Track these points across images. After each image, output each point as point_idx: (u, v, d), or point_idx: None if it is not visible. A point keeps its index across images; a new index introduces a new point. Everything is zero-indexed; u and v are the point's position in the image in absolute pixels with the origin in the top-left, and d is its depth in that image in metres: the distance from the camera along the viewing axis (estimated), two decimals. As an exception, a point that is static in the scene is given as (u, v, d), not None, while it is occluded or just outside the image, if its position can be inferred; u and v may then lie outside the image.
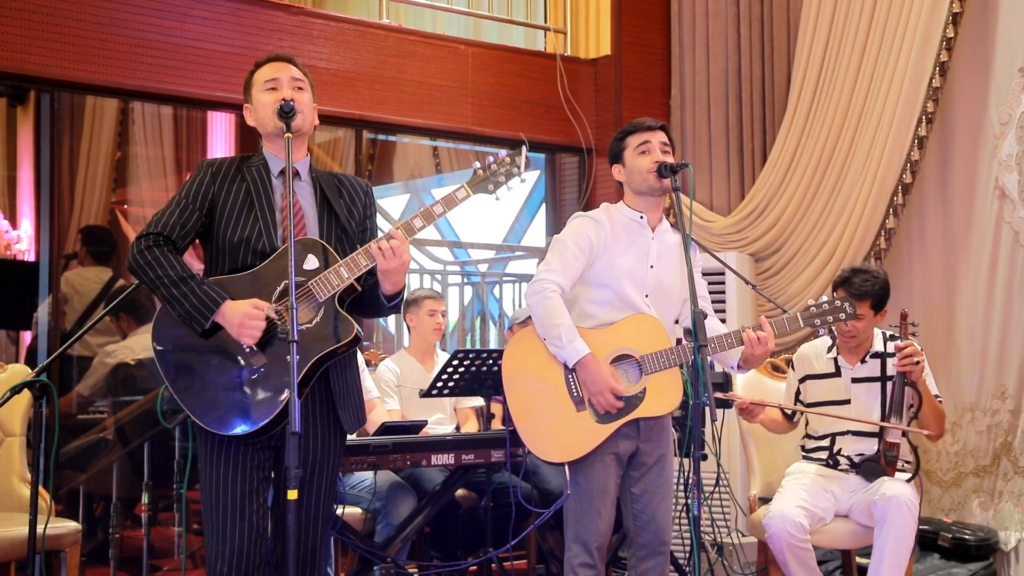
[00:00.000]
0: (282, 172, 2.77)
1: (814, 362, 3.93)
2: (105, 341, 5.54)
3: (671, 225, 3.30)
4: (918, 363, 3.64)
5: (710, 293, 3.41)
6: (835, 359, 3.89)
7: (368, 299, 2.78)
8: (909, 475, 3.71)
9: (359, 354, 4.61)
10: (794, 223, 5.41)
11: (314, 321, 2.62)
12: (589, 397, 3.11)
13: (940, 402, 3.81)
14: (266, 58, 2.86)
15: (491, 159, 2.81)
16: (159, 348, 2.68)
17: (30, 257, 5.42)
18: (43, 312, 5.09)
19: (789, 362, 4.08)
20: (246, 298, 2.63)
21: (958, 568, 4.46)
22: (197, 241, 2.81)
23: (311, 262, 2.64)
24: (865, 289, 3.77)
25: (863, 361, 3.85)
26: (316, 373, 2.66)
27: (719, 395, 3.84)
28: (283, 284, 2.65)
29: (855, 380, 3.83)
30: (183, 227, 2.70)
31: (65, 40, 4.70)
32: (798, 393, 3.95)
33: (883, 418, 3.71)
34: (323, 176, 2.84)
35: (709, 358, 3.13)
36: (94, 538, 5.14)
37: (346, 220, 2.79)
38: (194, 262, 3.44)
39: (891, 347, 3.79)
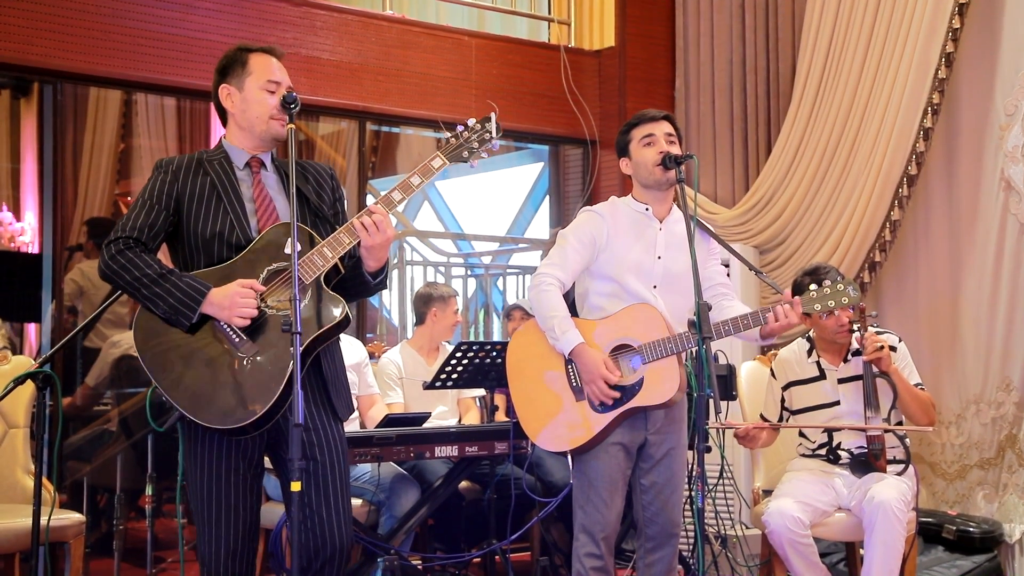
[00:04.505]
0: (247, 164, 2.76)
1: (796, 367, 3.89)
2: (117, 332, 5.54)
3: (683, 215, 3.29)
4: (881, 348, 3.62)
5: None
6: (818, 362, 3.86)
7: (352, 279, 2.75)
8: (901, 467, 3.69)
9: (362, 347, 4.62)
10: (799, 215, 5.40)
11: (303, 304, 2.59)
12: (584, 387, 3.11)
13: (922, 389, 3.78)
14: (259, 47, 2.80)
15: (461, 127, 2.80)
16: (144, 351, 2.61)
17: (34, 249, 5.42)
18: (47, 304, 5.09)
19: (770, 368, 4.04)
20: None
21: (963, 560, 4.45)
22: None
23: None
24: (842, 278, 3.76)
25: (846, 360, 3.82)
26: (309, 358, 2.62)
27: (716, 425, 3.79)
28: (267, 271, 2.63)
29: (841, 380, 3.81)
30: (151, 228, 2.64)
31: (68, 31, 4.70)
32: (783, 401, 3.92)
33: (864, 411, 3.70)
34: (286, 164, 2.81)
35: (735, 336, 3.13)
36: (98, 530, 5.15)
37: (316, 203, 2.77)
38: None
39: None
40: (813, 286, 3.11)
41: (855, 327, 3.68)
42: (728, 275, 3.41)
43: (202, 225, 2.67)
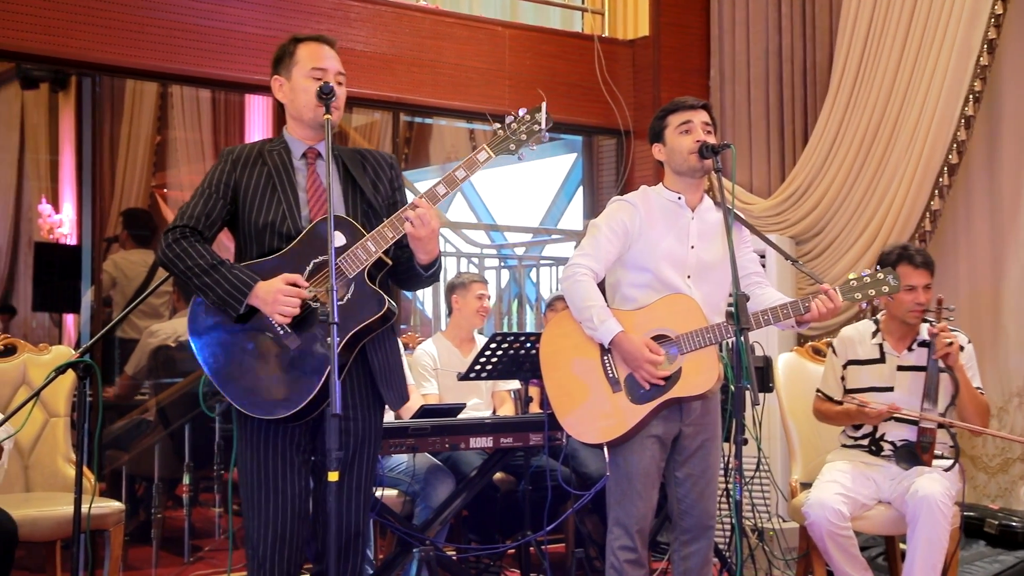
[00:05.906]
0: (304, 155, 2.78)
1: (858, 347, 3.83)
2: (150, 323, 5.60)
3: (713, 203, 3.26)
4: (951, 344, 3.56)
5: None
6: (880, 345, 3.81)
7: (405, 271, 2.79)
8: (948, 462, 3.63)
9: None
10: (836, 205, 5.33)
11: (345, 298, 2.63)
12: (631, 373, 3.08)
13: (982, 394, 3.71)
14: (309, 36, 2.83)
15: (510, 118, 2.77)
16: (196, 338, 2.69)
17: (72, 241, 5.49)
18: (86, 295, 5.15)
19: (830, 344, 4.00)
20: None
21: (1005, 555, 4.38)
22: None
23: (339, 239, 2.63)
24: (927, 259, 3.70)
25: (910, 349, 3.77)
26: (353, 351, 2.66)
27: (848, 399, 3.74)
28: (312, 263, 2.66)
29: (900, 368, 3.75)
30: (208, 217, 2.71)
31: (105, 24, 4.74)
32: (843, 379, 3.87)
33: (920, 403, 3.64)
34: (346, 153, 2.83)
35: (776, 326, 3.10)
36: (136, 518, 5.22)
37: (372, 195, 2.79)
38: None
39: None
40: (851, 275, 3.09)
41: (929, 318, 3.63)
42: (764, 265, 3.38)
43: (256, 214, 2.71)
